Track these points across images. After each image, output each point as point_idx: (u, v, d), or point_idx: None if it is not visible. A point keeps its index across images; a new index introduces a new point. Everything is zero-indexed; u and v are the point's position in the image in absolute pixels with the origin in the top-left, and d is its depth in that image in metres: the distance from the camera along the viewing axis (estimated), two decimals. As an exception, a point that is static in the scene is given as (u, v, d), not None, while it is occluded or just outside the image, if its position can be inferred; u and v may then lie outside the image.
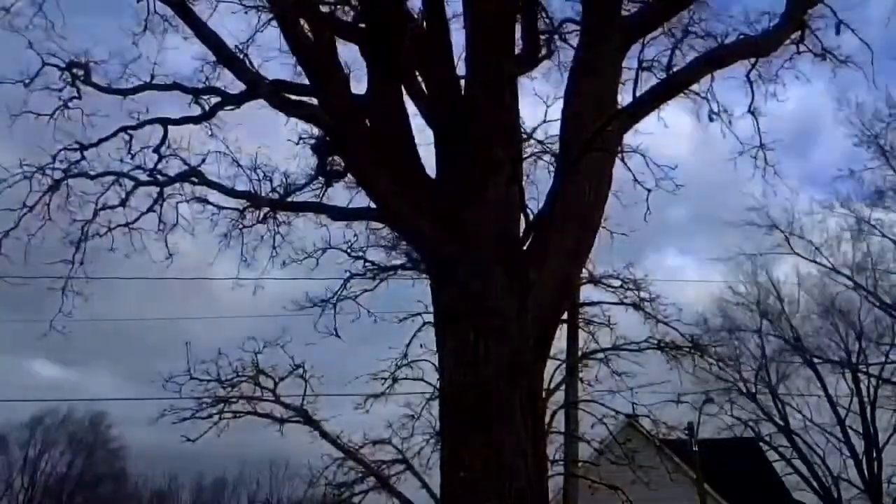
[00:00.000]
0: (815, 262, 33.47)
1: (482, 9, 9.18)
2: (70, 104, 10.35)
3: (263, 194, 10.58)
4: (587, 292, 16.21)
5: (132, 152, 10.42)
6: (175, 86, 10.25)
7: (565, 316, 14.61)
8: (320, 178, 10.39)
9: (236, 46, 9.63)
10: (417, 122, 9.41)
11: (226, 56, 9.48)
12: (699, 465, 25.58)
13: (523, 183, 9.43)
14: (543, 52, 10.36)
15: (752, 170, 10.97)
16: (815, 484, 35.38)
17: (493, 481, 7.60)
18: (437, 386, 8.89)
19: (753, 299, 36.91)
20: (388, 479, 11.82)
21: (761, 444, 35.38)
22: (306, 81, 9.56)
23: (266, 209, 10.73)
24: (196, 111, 10.40)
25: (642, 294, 15.26)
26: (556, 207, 8.51)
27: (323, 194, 10.52)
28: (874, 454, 34.59)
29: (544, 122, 11.43)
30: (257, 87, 9.58)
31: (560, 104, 9.44)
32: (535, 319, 8.25)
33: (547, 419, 15.42)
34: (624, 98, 9.72)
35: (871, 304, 33.45)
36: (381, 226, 10.57)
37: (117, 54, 10.16)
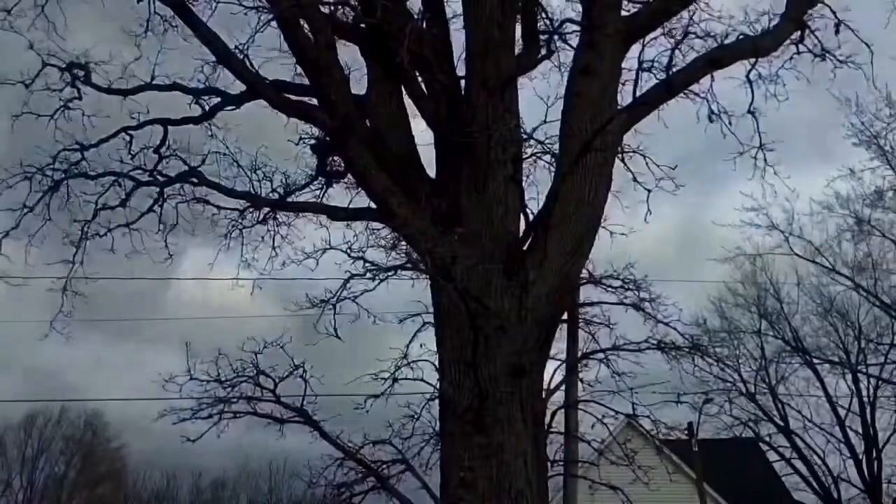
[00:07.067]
0: (815, 262, 33.41)
1: (482, 9, 9.20)
2: (70, 105, 10.35)
3: (263, 195, 10.58)
4: (587, 292, 16.17)
5: (132, 153, 10.43)
6: (175, 86, 10.25)
7: (565, 316, 14.59)
8: (320, 178, 10.40)
9: (236, 47, 9.62)
10: (417, 122, 9.44)
11: (226, 56, 9.49)
12: (699, 465, 25.59)
13: (523, 183, 9.45)
14: (543, 52, 10.36)
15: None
16: (815, 484, 35.35)
17: (493, 481, 7.62)
18: (437, 386, 8.89)
19: (753, 300, 36.89)
20: (388, 479, 11.81)
21: (761, 444, 35.39)
22: (306, 81, 9.58)
23: (266, 209, 10.74)
24: (196, 111, 10.42)
25: (642, 294, 15.18)
26: (556, 207, 8.52)
27: (323, 195, 10.54)
28: (874, 454, 34.55)
29: (544, 122, 11.36)
30: (257, 87, 9.60)
31: (560, 104, 9.47)
32: (534, 319, 8.26)
33: (547, 419, 15.42)
34: (624, 98, 9.74)
35: (871, 304, 33.42)
36: (381, 226, 10.55)
37: (118, 55, 10.17)
